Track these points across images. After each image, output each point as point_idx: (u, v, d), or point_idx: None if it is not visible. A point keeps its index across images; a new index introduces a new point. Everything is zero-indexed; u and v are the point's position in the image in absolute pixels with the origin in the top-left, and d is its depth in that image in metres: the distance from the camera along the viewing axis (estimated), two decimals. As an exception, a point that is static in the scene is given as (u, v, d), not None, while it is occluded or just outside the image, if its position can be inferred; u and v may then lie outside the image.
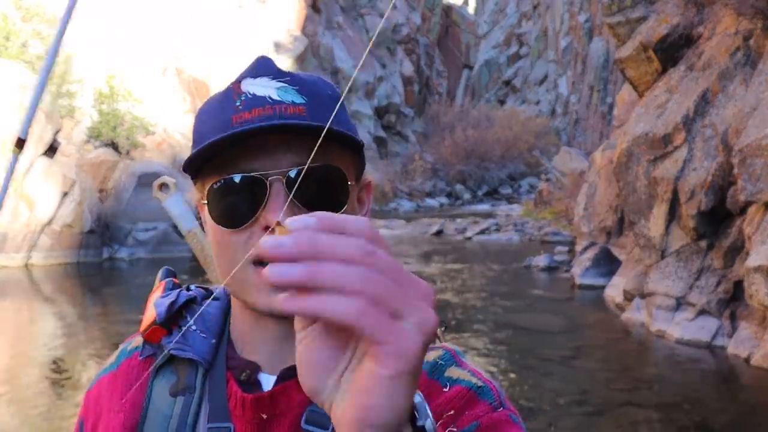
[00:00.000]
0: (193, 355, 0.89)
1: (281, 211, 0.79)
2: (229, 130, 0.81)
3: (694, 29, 11.25)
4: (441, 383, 0.85)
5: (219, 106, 0.86)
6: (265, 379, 0.88)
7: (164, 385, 0.89)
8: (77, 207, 17.85)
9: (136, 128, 20.71)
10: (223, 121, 0.83)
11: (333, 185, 0.84)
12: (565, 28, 49.21)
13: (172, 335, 0.91)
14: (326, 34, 37.43)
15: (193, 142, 0.88)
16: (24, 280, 15.95)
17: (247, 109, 0.83)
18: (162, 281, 0.97)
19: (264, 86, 0.84)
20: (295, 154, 0.82)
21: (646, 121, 10.86)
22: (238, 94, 0.85)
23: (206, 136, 0.83)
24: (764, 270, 7.62)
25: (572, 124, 44.97)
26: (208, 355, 0.89)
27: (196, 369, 0.89)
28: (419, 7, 55.07)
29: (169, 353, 0.90)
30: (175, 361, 0.90)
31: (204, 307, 0.94)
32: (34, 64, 19.63)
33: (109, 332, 10.92)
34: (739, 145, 8.44)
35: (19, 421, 6.93)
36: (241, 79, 0.86)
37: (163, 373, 0.90)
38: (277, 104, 0.83)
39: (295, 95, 0.84)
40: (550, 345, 9.94)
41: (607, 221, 14.15)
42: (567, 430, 6.67)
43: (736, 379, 8.24)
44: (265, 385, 0.87)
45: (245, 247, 0.82)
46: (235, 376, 0.88)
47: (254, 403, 0.85)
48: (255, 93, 0.84)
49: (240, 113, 0.83)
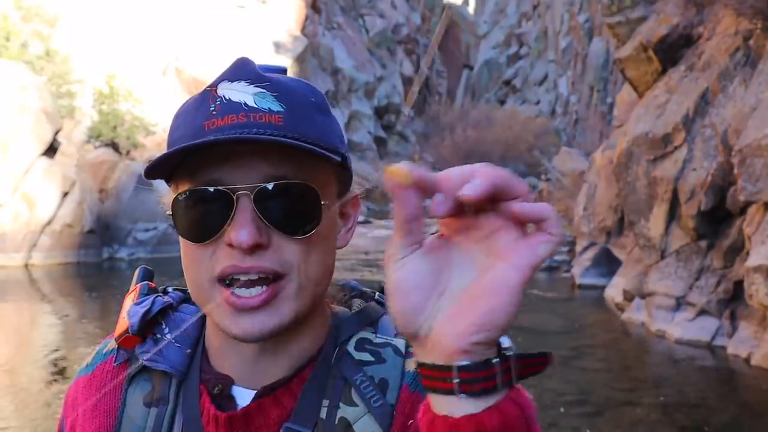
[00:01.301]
0: (167, 368, 0.86)
1: (246, 229, 0.75)
2: (200, 137, 0.78)
3: (694, 29, 11.25)
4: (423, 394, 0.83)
5: (193, 111, 0.82)
6: (238, 392, 0.85)
7: (138, 395, 0.88)
8: (77, 207, 17.85)
9: (136, 128, 20.71)
10: (194, 128, 0.79)
11: (303, 204, 0.79)
12: (565, 28, 49.20)
13: (146, 343, 0.88)
14: (326, 34, 37.43)
15: (167, 145, 0.84)
16: (24, 280, 15.94)
17: (219, 115, 0.79)
18: (137, 285, 0.94)
19: (240, 91, 0.80)
20: (269, 166, 0.78)
21: (646, 121, 10.86)
22: (213, 98, 0.81)
23: (178, 141, 0.80)
24: (764, 270, 7.62)
25: (572, 124, 44.98)
26: (182, 366, 0.87)
27: (170, 380, 0.87)
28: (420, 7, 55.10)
29: (142, 364, 0.88)
30: (148, 370, 0.88)
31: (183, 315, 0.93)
32: (34, 64, 19.63)
33: (108, 332, 10.87)
34: (739, 145, 8.44)
35: (19, 421, 6.92)
36: (218, 81, 0.82)
37: (137, 381, 0.88)
38: (252, 112, 0.78)
39: (272, 102, 0.80)
40: (550, 345, 9.94)
41: (607, 221, 14.15)
42: (567, 430, 6.67)
43: (736, 379, 8.24)
44: (238, 399, 0.85)
45: (209, 262, 0.79)
46: (208, 389, 0.85)
47: (227, 421, 0.82)
48: (230, 98, 0.80)
49: (212, 119, 0.79)
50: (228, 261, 0.77)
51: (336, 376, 0.83)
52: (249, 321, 0.78)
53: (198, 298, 0.82)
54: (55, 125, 18.37)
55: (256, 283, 0.78)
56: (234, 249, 0.77)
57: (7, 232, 16.95)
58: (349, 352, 0.85)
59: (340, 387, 0.83)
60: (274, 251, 0.78)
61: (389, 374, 0.83)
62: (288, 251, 0.78)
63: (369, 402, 0.81)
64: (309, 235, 0.79)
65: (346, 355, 0.85)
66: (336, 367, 0.84)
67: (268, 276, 0.78)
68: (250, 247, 0.76)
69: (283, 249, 0.78)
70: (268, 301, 0.78)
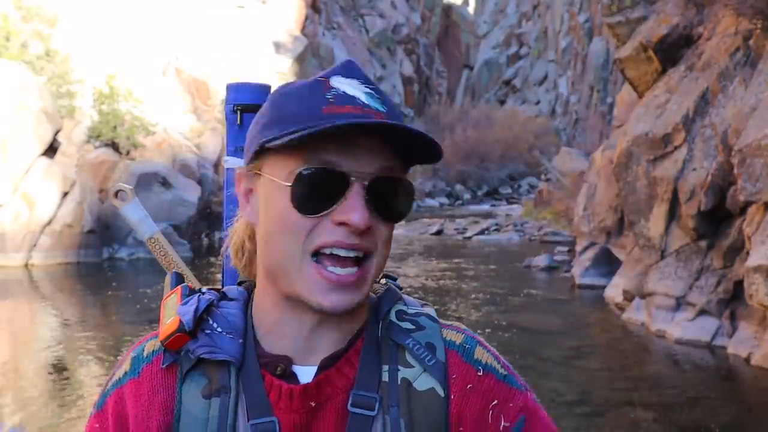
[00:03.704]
0: (227, 357, 0.89)
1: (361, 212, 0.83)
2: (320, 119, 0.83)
3: (693, 29, 11.25)
4: (474, 366, 0.93)
5: (308, 94, 0.87)
6: (298, 370, 0.90)
7: (195, 389, 0.89)
8: (77, 207, 17.85)
9: (136, 128, 20.70)
10: (312, 109, 0.85)
11: (403, 195, 0.89)
12: (565, 28, 49.21)
13: (198, 339, 0.91)
14: (326, 34, 37.43)
15: (271, 120, 0.88)
16: (24, 280, 15.95)
17: (338, 103, 0.85)
18: (178, 287, 0.97)
19: (354, 87, 0.87)
20: (380, 158, 0.86)
21: (646, 121, 10.86)
22: (328, 88, 0.87)
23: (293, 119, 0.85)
24: (764, 270, 7.62)
25: (572, 124, 44.97)
26: (239, 354, 0.90)
27: (228, 369, 0.90)
28: (419, 7, 55.09)
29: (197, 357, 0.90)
30: (202, 365, 0.90)
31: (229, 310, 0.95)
32: (34, 64, 19.63)
33: (109, 332, 10.92)
34: (739, 145, 8.44)
35: (18, 421, 6.92)
36: (329, 75, 0.89)
37: (191, 377, 0.90)
38: (365, 107, 0.86)
39: (379, 103, 0.87)
40: (550, 345, 9.94)
41: (607, 221, 14.15)
42: (567, 430, 6.67)
43: (736, 379, 8.24)
44: (300, 376, 0.90)
45: (309, 235, 0.85)
46: (270, 370, 0.90)
47: (303, 393, 0.88)
48: (345, 91, 0.86)
49: (330, 106, 0.85)
50: (334, 236, 0.84)
51: (388, 343, 0.92)
52: (339, 296, 0.86)
53: (282, 269, 0.87)
54: (55, 125, 18.37)
55: (347, 262, 0.86)
56: (340, 227, 0.84)
57: (7, 232, 16.94)
58: (393, 321, 0.94)
59: (394, 352, 0.91)
60: (371, 233, 0.87)
61: (432, 338, 0.93)
62: (379, 234, 0.88)
63: (423, 361, 0.90)
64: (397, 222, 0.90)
65: (392, 324, 0.93)
66: (386, 336, 0.92)
67: (359, 255, 0.86)
68: (362, 228, 0.84)
69: (376, 232, 0.87)
70: (359, 279, 0.87)
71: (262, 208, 0.90)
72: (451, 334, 0.95)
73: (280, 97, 0.90)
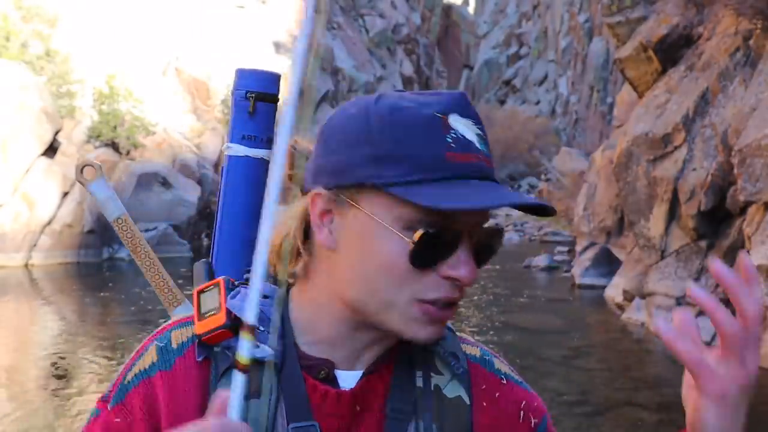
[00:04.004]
0: (271, 356, 0.87)
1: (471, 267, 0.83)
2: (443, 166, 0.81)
3: (693, 29, 11.26)
4: (498, 376, 0.98)
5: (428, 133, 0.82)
6: (339, 375, 0.90)
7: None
8: (77, 207, 17.85)
9: (136, 128, 20.71)
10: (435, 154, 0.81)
11: (496, 247, 0.89)
12: (565, 28, 49.22)
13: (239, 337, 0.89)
14: (326, 34, 37.42)
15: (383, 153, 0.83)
16: (24, 280, 15.95)
17: (459, 150, 0.82)
18: (219, 279, 0.92)
19: (469, 129, 0.84)
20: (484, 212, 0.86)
21: (646, 121, 10.86)
22: (447, 128, 0.83)
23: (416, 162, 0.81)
24: (764, 270, 7.62)
25: (572, 124, 44.99)
26: (280, 355, 0.89)
27: (268, 370, 0.87)
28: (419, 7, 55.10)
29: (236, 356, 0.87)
30: None
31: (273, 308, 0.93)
32: (34, 64, 19.64)
33: (108, 332, 10.92)
34: (739, 145, 8.44)
35: (18, 421, 6.93)
36: (447, 112, 0.84)
37: (227, 376, 0.86)
38: (479, 153, 0.84)
39: (485, 146, 0.85)
40: (550, 345, 9.94)
41: (607, 221, 14.16)
42: (567, 430, 6.67)
43: (736, 379, 8.23)
44: (340, 380, 0.89)
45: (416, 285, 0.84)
46: (312, 374, 0.88)
47: (351, 397, 0.88)
48: (464, 135, 0.83)
49: (453, 152, 0.82)
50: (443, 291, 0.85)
51: (419, 349, 0.93)
52: (436, 328, 0.87)
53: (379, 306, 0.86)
54: (55, 125, 18.38)
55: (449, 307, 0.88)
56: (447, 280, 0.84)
57: (7, 232, 16.95)
58: None
59: (426, 358, 0.94)
60: None
61: (454, 348, 0.96)
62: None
63: (452, 368, 0.94)
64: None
65: None
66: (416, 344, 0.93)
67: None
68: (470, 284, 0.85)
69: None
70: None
71: (355, 243, 0.86)
72: (469, 348, 0.99)
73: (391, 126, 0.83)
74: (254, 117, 1.17)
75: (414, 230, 0.82)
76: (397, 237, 0.82)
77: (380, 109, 0.85)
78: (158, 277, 1.26)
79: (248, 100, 1.17)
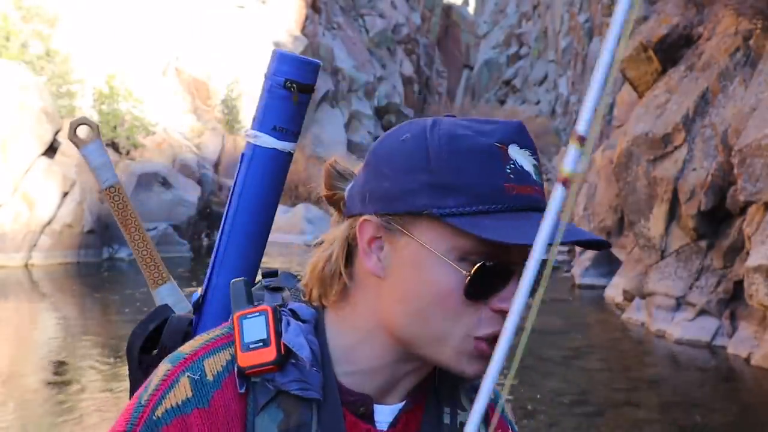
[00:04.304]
0: (316, 395, 0.84)
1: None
2: (501, 197, 0.80)
3: (694, 29, 11.26)
4: (509, 425, 1.00)
5: (488, 163, 0.81)
6: (376, 409, 0.88)
7: (270, 423, 0.83)
8: (77, 207, 17.85)
9: (136, 128, 20.72)
10: (495, 185, 0.80)
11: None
12: (565, 28, 49.22)
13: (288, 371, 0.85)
14: (326, 34, 37.43)
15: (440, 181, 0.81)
16: (24, 280, 15.95)
17: (517, 182, 0.81)
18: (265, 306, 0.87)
19: (527, 159, 0.83)
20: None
21: (646, 121, 10.86)
22: (506, 159, 0.81)
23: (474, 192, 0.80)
24: (764, 270, 7.62)
25: (572, 124, 44.93)
26: (321, 389, 0.85)
27: (310, 405, 0.84)
28: (419, 7, 55.11)
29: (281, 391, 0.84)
30: (280, 397, 0.84)
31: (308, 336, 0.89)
32: (34, 64, 19.64)
33: (109, 332, 10.92)
34: (739, 145, 8.44)
35: (18, 421, 6.93)
36: (506, 142, 0.82)
37: (266, 410, 0.84)
38: (536, 185, 0.82)
39: (539, 177, 0.84)
40: (550, 345, 9.95)
41: (607, 221, 14.16)
42: (567, 430, 6.67)
43: (736, 379, 8.24)
44: (377, 415, 0.88)
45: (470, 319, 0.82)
46: (351, 410, 0.87)
47: None
48: (523, 166, 0.82)
49: (512, 183, 0.80)
50: (495, 325, 0.82)
51: (445, 384, 0.93)
52: (483, 365, 0.83)
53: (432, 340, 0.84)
54: (55, 125, 18.37)
55: None
56: (498, 314, 0.82)
57: (7, 232, 16.95)
58: None
59: (451, 394, 0.93)
60: None
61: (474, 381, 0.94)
62: None
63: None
64: None
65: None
66: (443, 379, 0.94)
67: None
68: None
69: None
70: None
71: (407, 272, 0.84)
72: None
73: (450, 154, 0.82)
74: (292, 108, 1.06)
75: (467, 261, 0.80)
76: (453, 268, 0.81)
77: (439, 136, 0.82)
78: (146, 252, 1.19)
79: (288, 89, 1.04)
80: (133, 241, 1.21)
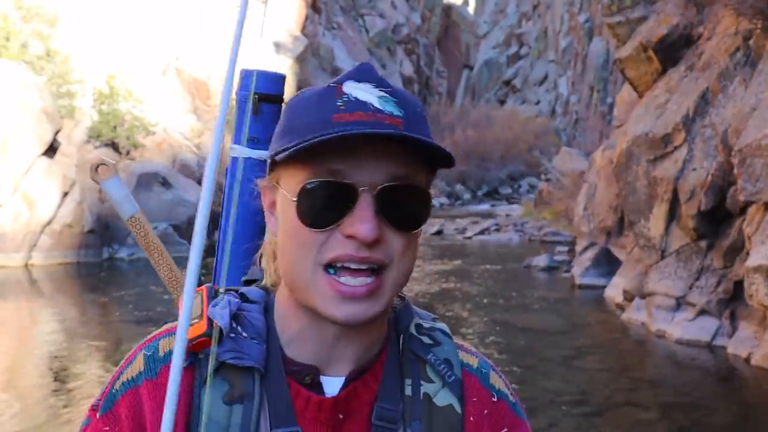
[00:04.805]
0: (253, 363, 0.87)
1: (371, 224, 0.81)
2: (329, 127, 0.81)
3: (694, 29, 11.26)
4: (490, 392, 0.96)
5: (318, 102, 0.85)
6: (324, 381, 0.89)
7: (215, 394, 0.87)
8: (77, 207, 17.85)
9: (136, 128, 20.71)
10: (322, 118, 0.83)
11: (417, 204, 0.86)
12: (565, 28, 49.22)
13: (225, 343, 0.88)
14: (326, 34, 37.44)
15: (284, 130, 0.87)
16: (24, 280, 15.95)
17: (348, 110, 0.83)
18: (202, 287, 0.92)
19: (367, 92, 0.85)
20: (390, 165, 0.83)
21: (646, 121, 10.86)
22: (340, 94, 0.84)
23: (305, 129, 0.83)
24: (764, 270, 7.62)
25: (572, 124, 44.98)
26: (264, 361, 0.88)
27: (252, 376, 0.87)
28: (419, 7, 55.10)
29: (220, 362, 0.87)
30: (224, 369, 0.87)
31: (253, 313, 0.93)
32: (34, 64, 19.63)
33: (109, 332, 10.92)
34: (739, 146, 8.44)
35: (18, 421, 6.93)
36: (343, 80, 0.86)
37: (213, 383, 0.87)
38: (377, 112, 0.83)
39: (394, 107, 0.84)
40: (550, 345, 9.95)
41: (607, 221, 14.16)
42: (567, 430, 6.67)
43: (736, 379, 8.24)
44: (325, 386, 0.89)
45: (320, 249, 0.83)
46: (297, 380, 0.89)
47: (334, 405, 0.88)
48: (357, 97, 0.84)
49: (341, 113, 0.82)
50: (343, 249, 0.82)
51: (409, 356, 0.93)
52: (354, 308, 0.83)
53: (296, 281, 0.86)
54: (55, 125, 18.37)
55: (361, 273, 0.83)
56: (350, 239, 0.82)
57: (7, 232, 16.95)
58: (413, 335, 0.95)
59: (416, 366, 0.92)
60: (383, 244, 0.84)
61: (449, 354, 0.94)
62: (394, 244, 0.85)
63: (444, 377, 0.92)
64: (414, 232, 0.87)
65: (413, 338, 0.94)
66: (408, 349, 0.93)
67: (373, 266, 0.84)
68: (372, 241, 0.82)
69: (390, 242, 0.84)
70: (373, 291, 0.84)
71: (280, 221, 0.88)
72: (467, 356, 0.97)
73: (293, 105, 0.88)
74: (258, 118, 1.16)
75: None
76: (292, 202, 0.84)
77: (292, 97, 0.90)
78: (171, 276, 1.27)
79: (252, 101, 1.16)
80: (158, 265, 1.29)
